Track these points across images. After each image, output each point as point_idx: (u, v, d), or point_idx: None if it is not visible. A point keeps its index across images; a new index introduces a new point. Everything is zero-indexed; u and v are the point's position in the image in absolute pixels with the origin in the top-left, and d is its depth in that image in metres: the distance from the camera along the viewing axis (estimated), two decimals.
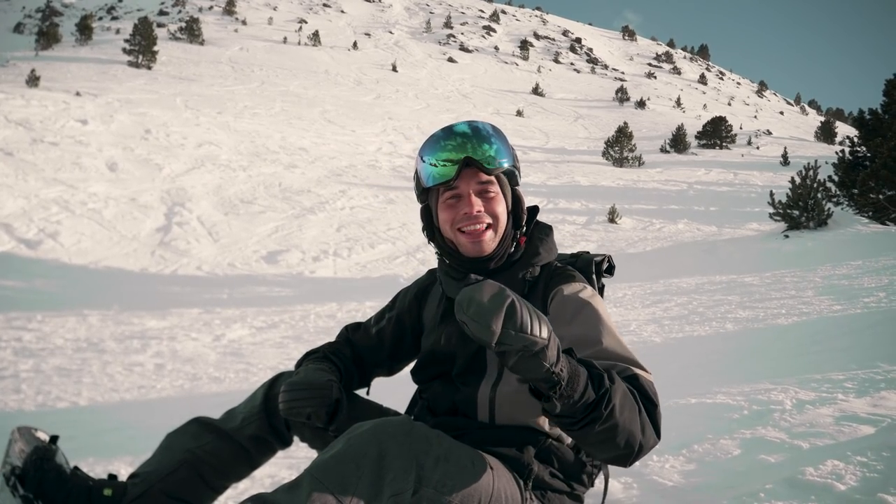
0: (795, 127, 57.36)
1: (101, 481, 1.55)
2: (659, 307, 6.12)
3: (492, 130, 1.50)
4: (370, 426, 1.24)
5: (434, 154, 1.47)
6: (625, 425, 1.16)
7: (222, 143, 18.62)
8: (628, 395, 1.19)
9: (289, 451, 1.85)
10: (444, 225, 1.51)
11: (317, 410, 1.41)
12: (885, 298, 4.77)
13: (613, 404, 1.13)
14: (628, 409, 1.17)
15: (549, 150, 29.05)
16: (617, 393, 1.14)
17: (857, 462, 1.70)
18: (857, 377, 2.64)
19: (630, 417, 1.17)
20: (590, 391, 1.11)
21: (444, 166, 1.45)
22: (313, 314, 7.07)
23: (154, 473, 1.55)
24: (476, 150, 1.45)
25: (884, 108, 14.36)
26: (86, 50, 42.03)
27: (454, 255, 1.53)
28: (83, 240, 10.57)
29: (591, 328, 1.37)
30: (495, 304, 1.02)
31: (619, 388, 1.16)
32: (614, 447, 1.18)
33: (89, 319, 6.51)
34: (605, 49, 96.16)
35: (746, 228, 14.21)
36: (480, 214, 1.47)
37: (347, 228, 13.06)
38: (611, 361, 1.30)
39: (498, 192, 1.50)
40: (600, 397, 1.12)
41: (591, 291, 1.47)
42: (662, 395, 2.85)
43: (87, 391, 3.83)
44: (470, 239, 1.48)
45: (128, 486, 1.54)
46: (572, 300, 1.43)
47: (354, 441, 1.21)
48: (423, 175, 1.50)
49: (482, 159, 1.45)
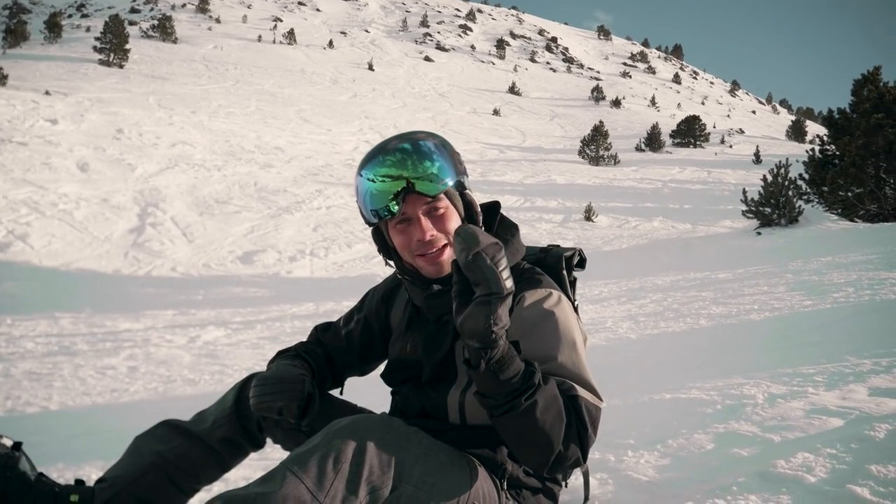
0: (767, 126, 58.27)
1: (67, 487, 1.51)
2: (634, 304, 6.17)
3: (433, 146, 1.43)
4: (350, 421, 1.24)
5: (372, 169, 1.41)
6: (544, 428, 1.21)
7: (196, 143, 18.40)
8: (557, 404, 1.23)
9: (263, 454, 1.83)
10: (401, 250, 1.46)
11: (288, 405, 1.39)
12: (853, 294, 4.86)
13: (535, 401, 1.19)
14: (553, 415, 1.21)
15: (525, 149, 29.17)
16: (543, 394, 1.20)
17: (826, 454, 1.73)
18: (826, 371, 2.68)
19: (552, 423, 1.21)
20: (517, 379, 1.18)
21: (382, 182, 1.39)
22: (290, 314, 7.02)
23: (122, 478, 1.52)
24: (416, 168, 1.38)
25: (852, 107, 14.66)
26: (55, 48, 41.23)
27: (416, 274, 1.49)
28: (54, 241, 10.37)
29: (547, 343, 1.35)
30: (489, 239, 1.15)
31: (548, 391, 1.21)
32: (531, 446, 1.25)
33: (61, 322, 6.39)
34: (581, 48, 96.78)
35: (720, 226, 14.40)
36: (434, 238, 1.42)
37: (324, 228, 12.98)
38: (559, 378, 1.31)
39: (448, 207, 1.44)
40: (524, 388, 1.18)
41: (556, 298, 1.43)
42: (638, 391, 2.89)
43: (57, 395, 3.76)
44: (428, 262, 1.44)
45: (95, 490, 1.50)
46: (534, 310, 1.40)
47: (333, 436, 1.20)
48: (362, 191, 1.42)
49: (423, 180, 1.38)
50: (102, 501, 1.49)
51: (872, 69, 15.01)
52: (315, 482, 1.13)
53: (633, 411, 2.58)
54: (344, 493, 1.14)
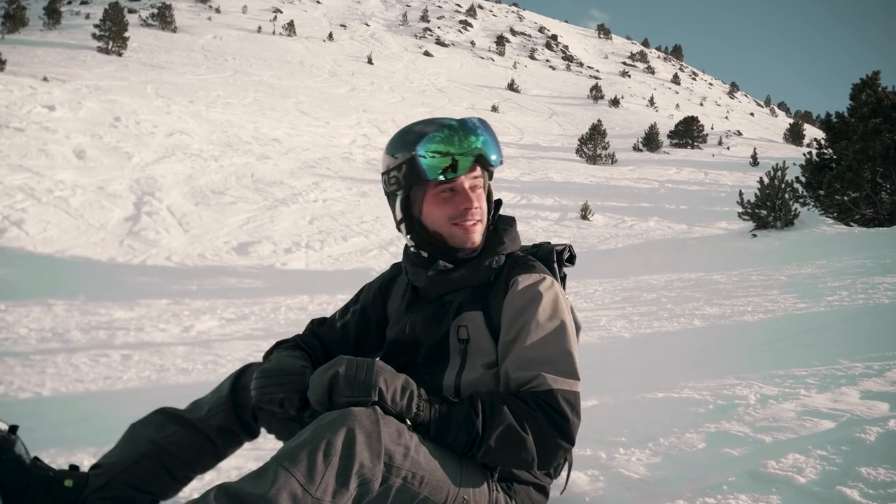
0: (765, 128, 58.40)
1: (61, 472, 1.51)
2: (629, 303, 6.19)
3: (488, 126, 1.54)
4: (339, 414, 1.24)
5: (441, 144, 1.47)
6: (510, 456, 1.33)
7: (194, 133, 18.33)
8: (512, 429, 1.31)
9: (256, 443, 1.83)
10: (436, 219, 1.52)
11: (290, 396, 1.40)
12: (847, 297, 4.88)
13: (488, 445, 1.31)
14: (512, 443, 1.31)
15: (523, 147, 29.16)
16: (493, 433, 1.30)
17: (817, 455, 1.74)
18: (818, 373, 2.70)
19: (515, 448, 1.32)
20: (461, 436, 1.31)
21: (452, 157, 1.46)
22: (284, 306, 7.01)
23: (117, 464, 1.52)
24: (486, 146, 1.49)
25: (850, 111, 14.68)
26: (54, 34, 41.00)
27: (433, 245, 1.54)
28: (49, 228, 10.33)
29: (527, 327, 1.43)
30: (322, 381, 1.29)
31: (497, 426, 1.30)
32: (507, 465, 1.41)
33: (55, 309, 6.37)
34: (581, 47, 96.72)
35: (716, 227, 14.43)
36: (477, 210, 1.52)
37: (320, 221, 12.96)
38: (530, 372, 1.38)
39: (483, 188, 1.55)
40: (472, 440, 1.31)
41: (549, 282, 1.49)
42: (631, 390, 2.90)
43: (50, 381, 3.75)
44: (465, 232, 1.51)
45: (89, 476, 1.51)
46: (526, 293, 1.47)
47: (323, 429, 1.20)
48: (424, 166, 1.47)
49: (489, 157, 1.50)
50: (97, 487, 1.49)
51: (871, 74, 15.04)
52: (306, 476, 1.14)
53: (625, 409, 2.59)
54: (335, 486, 1.15)
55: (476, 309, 1.50)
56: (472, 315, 1.50)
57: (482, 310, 1.50)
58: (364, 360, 1.31)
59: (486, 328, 1.49)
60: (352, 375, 1.27)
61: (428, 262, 1.55)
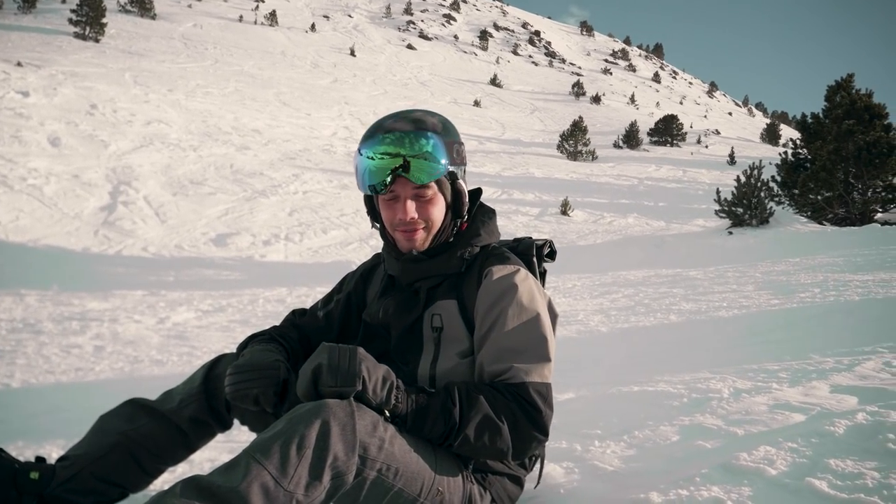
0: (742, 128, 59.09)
1: (27, 464, 1.47)
2: (607, 298, 6.23)
3: (433, 130, 1.47)
4: (313, 406, 1.22)
5: (372, 147, 1.46)
6: (487, 446, 1.33)
7: (172, 122, 18.10)
8: (488, 419, 1.31)
9: (230, 435, 1.82)
10: (385, 221, 1.54)
11: (264, 391, 1.37)
12: (819, 294, 4.96)
13: (465, 434, 1.30)
14: (489, 432, 1.31)
15: (504, 142, 29.22)
16: (470, 423, 1.30)
17: (787, 448, 1.76)
18: (790, 368, 2.74)
19: (491, 438, 1.32)
20: (438, 426, 1.30)
21: (381, 159, 1.44)
22: (262, 298, 6.95)
23: (85, 456, 1.49)
24: (413, 148, 1.43)
25: (825, 112, 14.91)
26: (29, 19, 40.14)
27: (392, 243, 1.57)
28: (21, 217, 10.14)
29: (501, 318, 1.42)
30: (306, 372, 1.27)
31: (475, 416, 1.30)
32: (483, 455, 1.40)
33: (26, 300, 6.26)
34: (563, 43, 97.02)
35: (693, 224, 14.59)
36: (414, 221, 1.48)
37: (300, 213, 12.88)
38: (504, 364, 1.38)
39: (435, 194, 1.50)
40: (449, 429, 1.30)
41: (523, 274, 1.49)
42: (607, 383, 2.92)
43: (20, 373, 3.68)
44: (404, 238, 1.51)
45: (56, 468, 1.47)
46: (499, 284, 1.46)
47: (296, 421, 1.19)
48: (360, 169, 1.48)
49: (418, 162, 1.42)
50: (64, 480, 1.46)
51: (846, 76, 15.28)
52: (278, 469, 1.12)
53: (601, 403, 2.61)
54: (308, 479, 1.14)
55: (450, 298, 1.50)
56: (445, 304, 1.50)
57: (456, 298, 1.50)
58: (346, 347, 1.28)
59: (460, 316, 1.48)
60: (335, 365, 1.25)
61: (399, 253, 1.56)
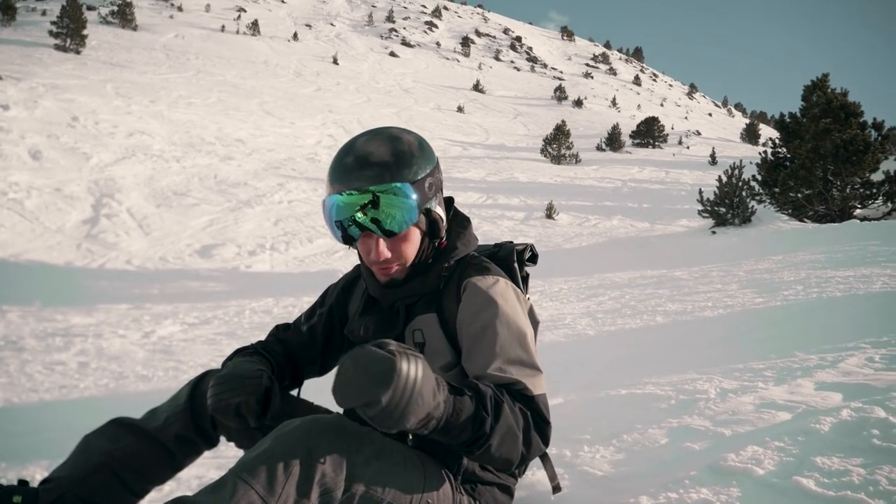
0: (723, 128, 59.66)
1: (10, 488, 1.44)
2: (593, 301, 6.25)
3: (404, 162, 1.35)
4: (299, 423, 1.22)
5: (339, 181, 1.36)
6: (501, 456, 1.23)
7: (155, 133, 17.97)
8: (512, 430, 1.22)
9: (217, 451, 1.80)
10: (360, 252, 1.46)
11: (246, 400, 1.34)
12: (802, 291, 5.01)
13: (489, 444, 1.18)
14: (508, 443, 1.22)
15: (489, 147, 29.28)
16: (497, 433, 1.18)
17: (774, 447, 1.77)
18: (776, 366, 2.76)
19: (508, 449, 1.22)
20: (466, 433, 1.15)
21: (349, 195, 1.34)
22: (248, 309, 6.91)
23: (68, 478, 1.46)
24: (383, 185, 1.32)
25: (802, 112, 15.12)
26: (8, 31, 39.68)
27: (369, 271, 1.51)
28: (2, 231, 10.01)
29: (495, 337, 1.35)
30: (356, 400, 1.03)
31: (501, 427, 1.19)
32: (490, 464, 1.32)
33: (8, 316, 6.18)
34: (545, 48, 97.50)
35: (677, 225, 14.69)
36: (387, 259, 1.41)
37: (285, 222, 12.82)
38: (507, 377, 1.31)
39: (408, 230, 1.40)
40: (476, 438, 1.17)
41: (503, 286, 1.45)
42: (595, 387, 2.92)
43: (2, 392, 3.63)
44: (380, 274, 1.45)
45: (39, 492, 1.44)
46: (482, 294, 1.41)
47: (283, 439, 1.18)
48: (328, 205, 1.38)
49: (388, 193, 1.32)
50: (47, 503, 1.43)
51: (821, 76, 15.51)
52: (265, 487, 1.11)
53: (589, 407, 2.61)
54: (295, 497, 1.13)
55: (429, 311, 1.47)
56: (425, 318, 1.47)
57: (435, 311, 1.47)
58: (409, 391, 1.03)
59: (441, 329, 1.45)
60: (388, 412, 1.03)
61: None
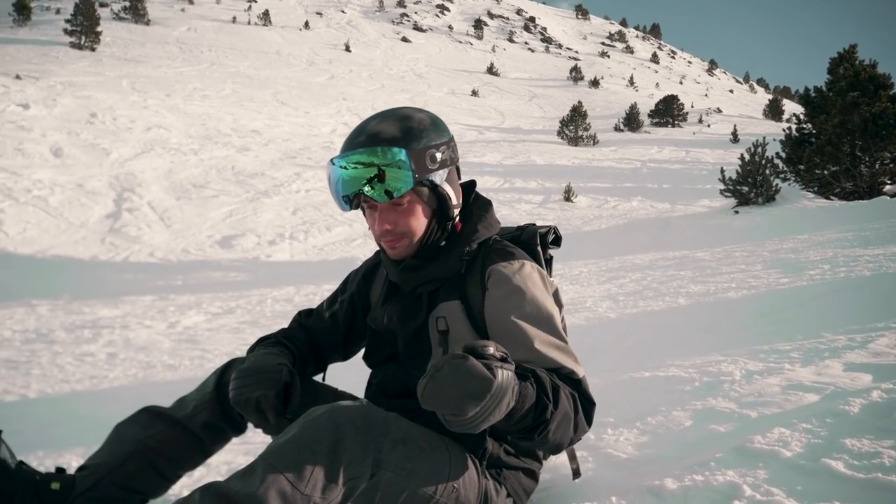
0: (744, 105, 58.69)
1: (48, 475, 1.49)
2: (614, 283, 6.22)
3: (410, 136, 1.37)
4: (326, 410, 1.23)
5: (344, 156, 1.37)
6: (555, 441, 1.23)
7: (172, 127, 18.11)
8: (567, 415, 1.22)
9: (245, 437, 1.83)
10: (370, 230, 1.49)
11: (266, 394, 1.37)
12: (829, 271, 4.93)
13: (549, 430, 1.18)
14: (563, 428, 1.22)
15: (504, 130, 29.12)
16: (556, 419, 1.18)
17: (802, 429, 1.75)
18: (802, 347, 2.72)
19: (562, 434, 1.23)
20: (528, 419, 1.15)
21: (354, 168, 1.35)
22: (270, 298, 6.98)
23: (104, 465, 1.51)
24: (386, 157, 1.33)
25: (828, 85, 14.77)
26: (24, 31, 40.16)
27: (384, 251, 1.52)
28: (29, 228, 10.19)
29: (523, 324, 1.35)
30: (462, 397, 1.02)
31: (560, 412, 1.19)
32: (542, 449, 1.34)
33: (38, 310, 6.30)
34: (559, 28, 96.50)
35: (698, 205, 14.53)
36: (389, 231, 1.42)
37: (303, 211, 12.89)
38: (555, 362, 1.31)
39: (411, 201, 1.41)
40: (537, 425, 1.16)
41: (528, 269, 1.44)
42: (618, 370, 2.92)
43: (36, 383, 3.71)
44: (388, 247, 1.47)
45: (76, 479, 1.49)
46: (509, 281, 1.41)
47: (310, 425, 1.20)
48: (333, 178, 1.39)
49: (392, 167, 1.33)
50: (84, 489, 1.48)
51: (848, 47, 15.12)
52: (294, 473, 1.13)
53: (612, 390, 2.61)
54: (324, 483, 1.15)
55: (453, 298, 1.46)
56: (448, 305, 1.46)
57: (459, 298, 1.46)
58: (494, 406, 1.03)
59: (465, 316, 1.44)
60: (467, 422, 1.03)
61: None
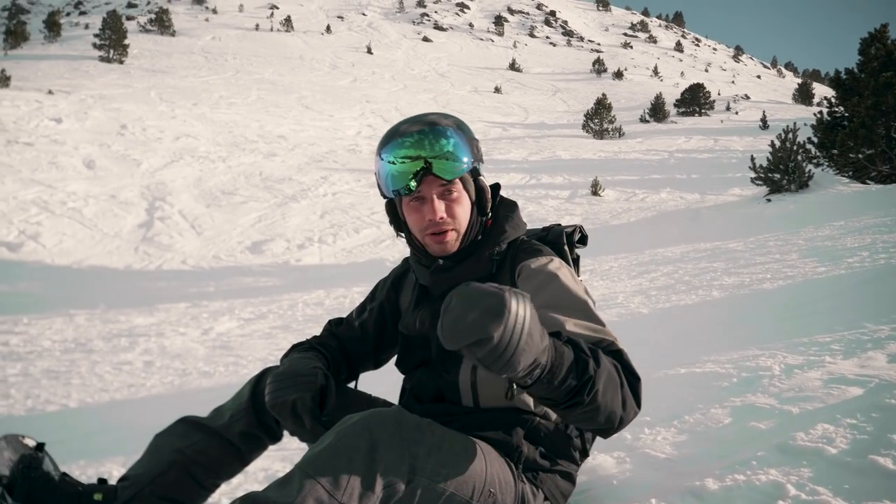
0: (773, 90, 57.56)
1: (90, 486, 1.52)
2: (645, 278, 6.15)
3: (450, 129, 1.44)
4: (360, 418, 1.23)
5: (392, 151, 1.43)
6: (606, 406, 1.17)
7: (200, 135, 18.40)
8: (612, 376, 1.18)
9: (281, 444, 1.84)
10: (413, 227, 1.49)
11: (302, 396, 1.38)
12: (868, 258, 4.80)
13: (597, 390, 1.13)
14: (611, 390, 1.17)
15: (528, 126, 28.99)
16: (601, 378, 1.14)
17: (846, 425, 1.71)
18: (843, 339, 2.65)
19: (612, 398, 1.17)
20: (571, 379, 1.11)
21: (402, 163, 1.41)
22: (301, 302, 7.04)
23: (144, 476, 1.53)
24: (434, 148, 1.40)
25: (860, 67, 14.39)
26: (55, 47, 41.20)
27: (422, 249, 1.52)
28: (65, 240, 10.44)
29: (558, 306, 1.34)
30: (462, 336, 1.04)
31: (603, 371, 1.15)
32: (596, 423, 1.21)
33: (76, 320, 6.45)
34: (580, 21, 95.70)
35: (729, 194, 14.28)
36: (444, 221, 1.45)
37: (331, 214, 12.99)
38: (593, 334, 1.29)
39: (460, 193, 1.47)
40: (583, 384, 1.12)
41: (558, 263, 1.45)
42: (652, 367, 2.89)
43: (76, 393, 3.80)
44: (435, 241, 1.47)
45: (118, 489, 1.52)
46: (539, 274, 1.41)
47: (345, 434, 1.20)
48: (382, 175, 1.45)
49: (440, 158, 1.40)
50: (126, 499, 1.50)
51: (879, 27, 14.72)
52: (331, 482, 1.13)
53: (647, 387, 2.53)
54: (360, 491, 1.15)
55: None
56: None
57: None
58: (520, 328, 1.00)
59: None
60: (500, 351, 1.01)
61: (429, 261, 1.52)
